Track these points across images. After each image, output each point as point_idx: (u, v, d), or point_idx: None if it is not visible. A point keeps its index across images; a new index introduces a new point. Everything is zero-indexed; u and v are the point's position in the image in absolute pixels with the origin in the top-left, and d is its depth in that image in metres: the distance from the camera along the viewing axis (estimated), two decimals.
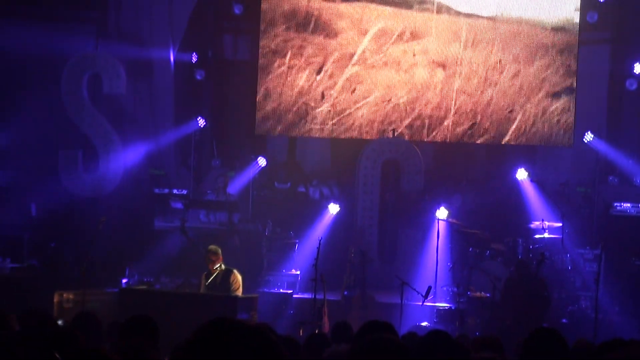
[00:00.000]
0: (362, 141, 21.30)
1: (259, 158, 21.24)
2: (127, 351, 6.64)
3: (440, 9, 21.35)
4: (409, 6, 21.48)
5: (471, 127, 21.08)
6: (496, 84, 21.13)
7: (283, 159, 22.73)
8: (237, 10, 22.02)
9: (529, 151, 21.50)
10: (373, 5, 21.57)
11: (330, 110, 21.53)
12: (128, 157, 20.47)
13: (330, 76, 21.54)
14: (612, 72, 21.24)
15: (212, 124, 21.98)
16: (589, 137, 20.43)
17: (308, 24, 21.72)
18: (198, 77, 21.94)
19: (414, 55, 21.33)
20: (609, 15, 21.01)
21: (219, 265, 15.90)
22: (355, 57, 21.48)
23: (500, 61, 21.16)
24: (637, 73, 20.29)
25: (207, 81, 22.23)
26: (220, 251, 16.07)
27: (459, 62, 21.26)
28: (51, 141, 20.35)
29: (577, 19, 20.78)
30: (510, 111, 21.01)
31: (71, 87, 20.29)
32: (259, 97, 21.85)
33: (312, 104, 21.62)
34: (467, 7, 21.31)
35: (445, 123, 21.18)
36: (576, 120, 20.76)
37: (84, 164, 20.38)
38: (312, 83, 21.62)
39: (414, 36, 21.43)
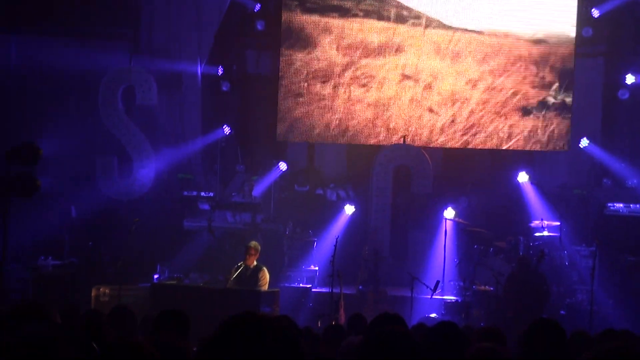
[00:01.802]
0: (375, 147, 21.30)
1: (280, 163, 21.26)
2: (159, 342, 6.66)
3: (430, 24, 21.34)
4: (403, 21, 21.52)
5: (463, 134, 21.10)
6: (472, 96, 21.14)
7: (302, 164, 22.71)
8: (259, 26, 22.08)
9: (529, 156, 21.46)
10: (371, 21, 21.62)
11: (340, 119, 21.54)
12: (159, 162, 20.53)
13: (336, 88, 21.56)
14: (606, 83, 21.19)
15: (237, 132, 21.99)
16: (584, 142, 20.41)
17: (317, 39, 21.75)
18: (224, 89, 21.98)
19: (401, 70, 21.35)
20: (602, 30, 20.96)
21: (249, 260, 15.91)
22: (350, 72, 21.54)
23: (483, 73, 21.16)
24: (628, 84, 20.25)
25: (232, 92, 22.26)
26: (259, 248, 16.11)
27: (440, 75, 21.27)
28: (89, 149, 20.42)
29: (573, 34, 20.75)
30: (492, 119, 21.04)
31: (108, 98, 20.40)
32: (279, 107, 21.89)
33: (326, 113, 21.63)
34: (457, 21, 21.30)
35: (438, 132, 21.20)
36: (572, 126, 20.74)
37: (119, 169, 20.45)
38: (326, 94, 21.63)
39: (400, 50, 21.50)
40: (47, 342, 4.86)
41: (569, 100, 20.79)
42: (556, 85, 20.82)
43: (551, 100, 20.83)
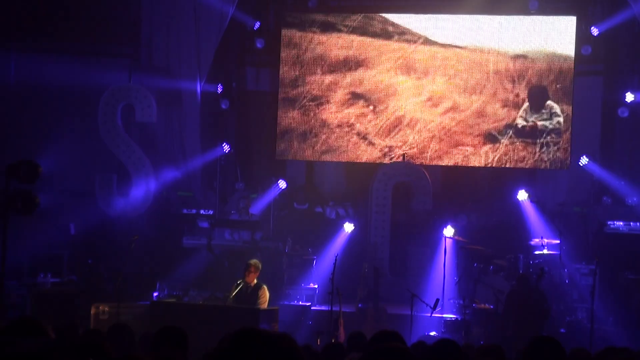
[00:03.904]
0: (374, 165, 21.32)
1: (280, 181, 21.25)
2: (159, 358, 6.63)
3: (417, 40, 21.43)
4: (389, 37, 21.63)
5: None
6: (433, 116, 21.31)
7: (302, 182, 22.73)
8: (259, 44, 22.14)
9: (528, 174, 21.48)
10: (353, 37, 21.76)
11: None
12: (159, 180, 20.52)
13: (328, 106, 21.63)
14: (605, 101, 21.20)
15: (236, 150, 22.01)
16: (584, 160, 20.41)
17: (318, 58, 21.84)
18: (223, 107, 22.01)
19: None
20: (601, 48, 21.02)
21: (245, 278, 15.88)
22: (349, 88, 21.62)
23: (450, 90, 21.27)
24: (628, 101, 20.27)
25: (231, 110, 22.30)
26: (260, 266, 16.05)
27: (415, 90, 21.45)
28: (88, 166, 20.42)
29: (572, 52, 20.79)
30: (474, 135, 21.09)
31: (107, 116, 20.39)
32: (279, 125, 21.92)
33: (325, 131, 21.67)
34: (444, 37, 21.40)
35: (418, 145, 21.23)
36: (572, 144, 20.76)
37: (118, 186, 20.43)
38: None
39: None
40: (40, 358, 4.85)
41: (541, 124, 20.84)
42: (527, 105, 20.88)
43: (521, 122, 20.90)
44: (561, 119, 20.81)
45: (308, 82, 21.87)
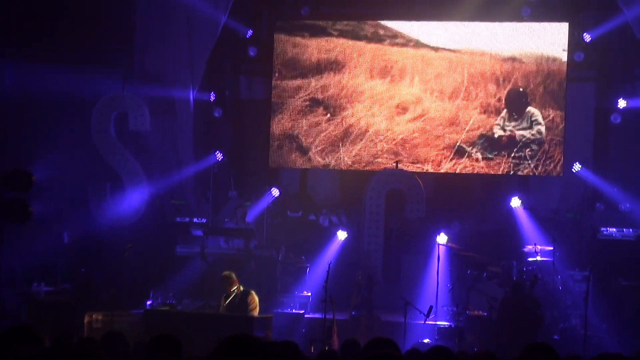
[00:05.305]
0: (368, 173, 21.32)
1: (273, 189, 21.27)
2: None
3: (408, 43, 21.44)
4: (380, 40, 21.63)
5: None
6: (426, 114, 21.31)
7: (295, 190, 22.72)
8: (251, 53, 22.18)
9: (522, 181, 21.50)
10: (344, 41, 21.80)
11: (334, 144, 21.59)
12: (152, 188, 20.52)
13: (331, 113, 21.64)
14: (598, 107, 21.24)
15: (229, 158, 22.02)
16: (577, 167, 20.44)
17: (311, 65, 21.86)
18: (216, 115, 22.03)
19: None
20: (594, 54, 21.05)
21: (235, 287, 15.95)
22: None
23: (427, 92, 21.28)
24: (620, 108, 20.30)
25: (225, 118, 22.31)
26: (233, 275, 16.11)
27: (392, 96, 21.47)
28: (82, 174, 20.39)
29: (564, 58, 20.82)
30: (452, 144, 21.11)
31: (100, 125, 20.41)
32: (272, 133, 21.93)
33: (319, 139, 21.68)
34: (436, 40, 21.41)
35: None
36: (565, 151, 20.77)
37: (111, 195, 20.42)
38: (319, 120, 21.68)
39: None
40: None
41: (520, 133, 20.85)
42: (505, 112, 20.89)
43: (498, 132, 20.91)
44: (542, 128, 20.79)
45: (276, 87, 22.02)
